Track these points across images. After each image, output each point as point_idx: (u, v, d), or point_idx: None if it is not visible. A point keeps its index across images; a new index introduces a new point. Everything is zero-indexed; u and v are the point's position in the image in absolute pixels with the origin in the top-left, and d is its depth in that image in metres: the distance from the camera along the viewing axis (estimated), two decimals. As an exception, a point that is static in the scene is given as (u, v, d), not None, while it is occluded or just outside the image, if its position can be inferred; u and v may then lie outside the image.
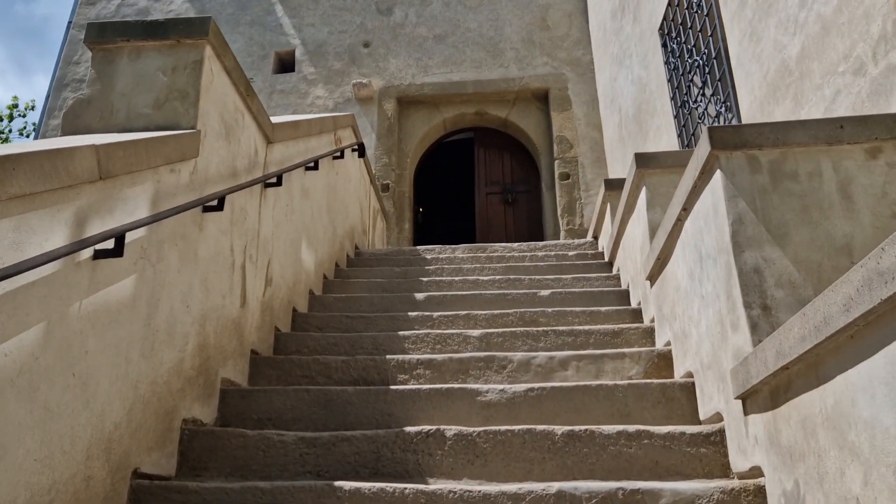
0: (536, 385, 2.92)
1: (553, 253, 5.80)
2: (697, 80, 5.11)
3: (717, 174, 2.43)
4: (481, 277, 5.01)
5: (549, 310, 4.13)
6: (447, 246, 6.25)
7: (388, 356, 3.40)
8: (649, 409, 2.83)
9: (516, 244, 6.20)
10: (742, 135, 2.43)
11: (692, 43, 5.03)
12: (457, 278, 5.02)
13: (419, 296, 4.57)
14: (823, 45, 3.14)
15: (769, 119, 3.76)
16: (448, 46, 9.46)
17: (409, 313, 4.18)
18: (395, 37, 9.56)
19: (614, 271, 5.12)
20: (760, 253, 2.28)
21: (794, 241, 2.28)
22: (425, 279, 5.01)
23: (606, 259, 5.37)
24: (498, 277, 4.98)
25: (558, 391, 2.90)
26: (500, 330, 3.73)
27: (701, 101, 4.94)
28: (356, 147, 6.40)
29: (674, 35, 5.51)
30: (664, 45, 5.82)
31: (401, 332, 3.78)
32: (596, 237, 6.16)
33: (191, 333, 2.71)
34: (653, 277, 3.65)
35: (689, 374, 2.95)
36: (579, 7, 9.48)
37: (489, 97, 9.22)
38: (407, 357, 3.37)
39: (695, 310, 2.78)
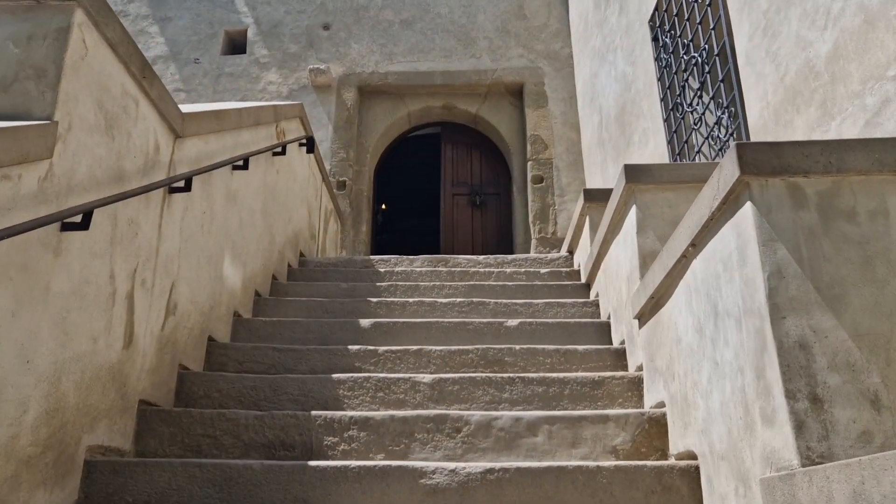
0: (497, 465, 2.30)
1: (523, 269, 5.20)
2: (695, 80, 4.54)
3: (748, 208, 1.83)
4: (440, 300, 4.38)
5: (517, 347, 3.52)
6: (404, 257, 5.60)
7: (314, 412, 2.75)
8: (641, 502, 2.23)
9: (482, 257, 5.58)
10: (782, 155, 1.83)
11: (689, 37, 4.46)
12: (411, 299, 4.38)
13: (365, 322, 3.92)
14: (866, 43, 2.56)
15: (787, 130, 3.18)
16: (416, 32, 8.79)
17: (350, 347, 3.53)
18: (358, 19, 8.86)
19: (592, 296, 4.54)
20: (808, 321, 1.69)
21: (852, 306, 1.70)
22: (374, 300, 4.36)
23: (583, 280, 4.78)
24: (459, 300, 4.35)
25: (525, 474, 2.28)
26: (457, 375, 3.11)
27: (698, 105, 4.37)
28: (304, 141, 5.71)
29: (667, 27, 4.94)
30: (655, 39, 5.25)
31: (335, 376, 3.13)
32: (571, 252, 5.57)
33: (32, 398, 2.03)
34: (643, 317, 3.06)
35: (692, 455, 2.35)
36: (559, -4, 8.89)
37: (459, 90, 8.58)
38: (339, 414, 2.73)
39: (703, 376, 2.19)
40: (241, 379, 3.13)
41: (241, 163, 3.90)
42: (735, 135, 3.81)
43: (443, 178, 8.71)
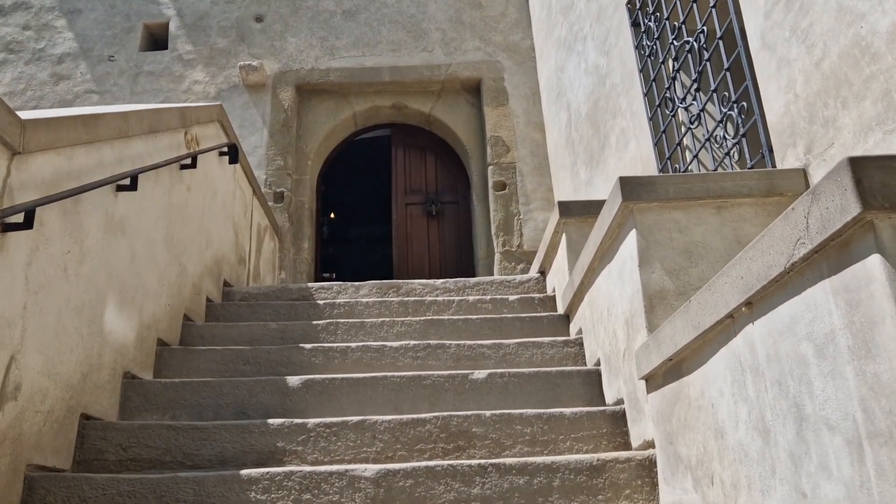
0: None
1: (489, 296, 4.47)
2: (689, 70, 3.87)
3: (875, 262, 1.13)
4: (389, 343, 3.62)
5: (488, 413, 2.79)
6: (348, 284, 4.82)
7: (207, 541, 1.97)
8: None
9: (440, 282, 4.84)
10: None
11: (681, 19, 3.79)
12: (354, 343, 3.62)
13: (294, 381, 3.15)
14: (959, 10, 1.89)
15: (828, 131, 2.52)
16: (360, 24, 8.01)
17: (272, 421, 2.75)
18: (294, 10, 8.04)
19: (573, 332, 3.84)
20: None
21: None
22: (309, 346, 3.58)
23: (561, 310, 4.09)
24: (413, 343, 3.61)
25: None
26: (410, 466, 2.36)
27: (694, 100, 3.70)
28: (226, 150, 4.89)
29: (650, 9, 4.27)
30: (635, 24, 4.58)
31: (246, 473, 2.36)
32: (543, 273, 4.87)
33: None
34: (653, 380, 2.36)
35: None
36: (517, -17, 8.21)
37: (410, 87, 7.83)
38: (241, 543, 1.95)
39: (761, 492, 1.49)
40: (115, 483, 2.32)
41: (126, 182, 3.08)
42: (748, 136, 3.14)
43: (394, 186, 7.95)
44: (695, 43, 3.60)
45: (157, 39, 8.20)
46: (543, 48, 7.39)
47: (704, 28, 3.50)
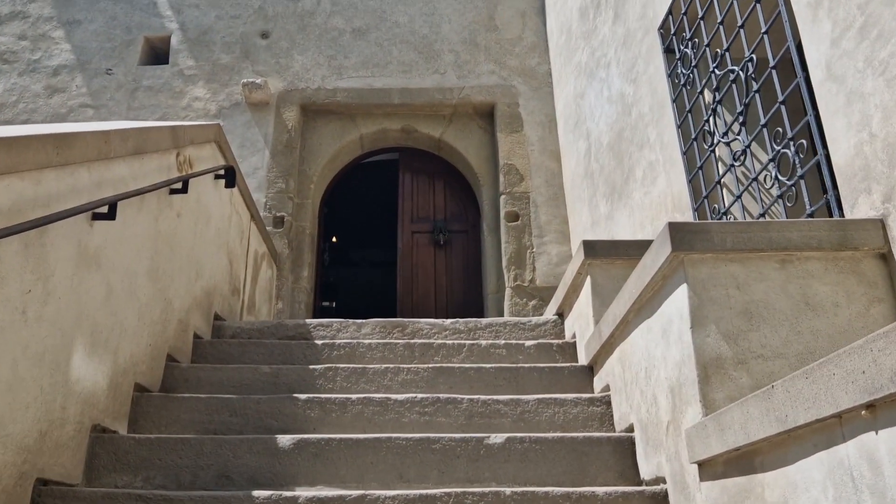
0: None
1: (503, 341, 4.12)
2: (734, 102, 3.56)
3: None
4: (393, 395, 3.27)
5: (508, 491, 2.44)
6: (349, 322, 4.47)
7: None
8: None
9: (449, 322, 4.50)
10: None
11: (725, 45, 3.48)
12: (354, 395, 3.27)
13: (285, 441, 2.80)
14: None
15: (918, 177, 2.18)
16: (370, 44, 7.75)
17: (256, 494, 2.40)
18: (302, 27, 7.78)
19: (598, 387, 3.48)
20: None
21: None
22: (304, 396, 3.24)
23: (584, 361, 3.74)
24: (421, 396, 3.26)
25: None
26: (419, 561, 2.00)
27: (739, 134, 3.38)
28: (222, 173, 4.58)
29: (687, 34, 3.97)
30: (668, 51, 4.29)
31: (221, 564, 1.99)
32: (561, 315, 4.53)
33: None
34: (711, 467, 2.01)
35: None
36: (535, 5, 7.96)
37: (420, 110, 7.55)
38: None
39: None
40: (65, 573, 1.96)
41: (104, 209, 2.75)
42: (806, 178, 2.81)
43: (400, 212, 7.63)
44: (741, 72, 3.28)
45: (157, 53, 7.94)
46: (561, 74, 7.11)
47: (753, 56, 3.18)
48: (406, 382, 3.62)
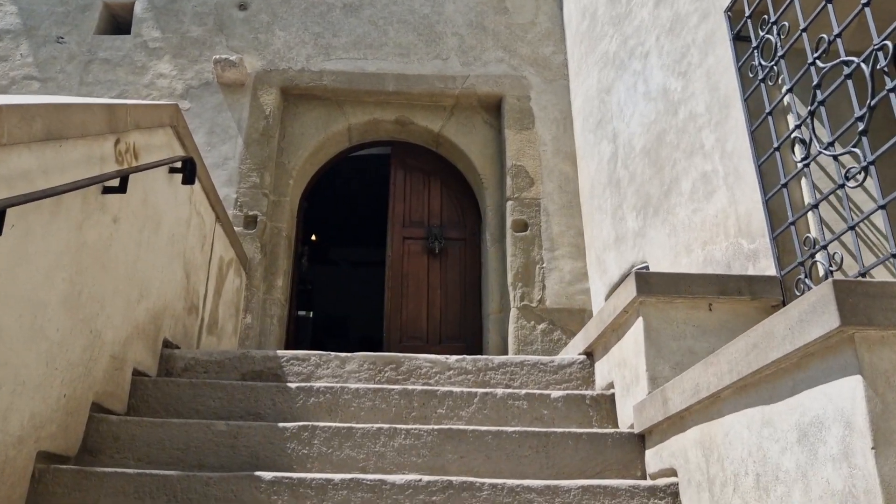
0: None
1: (523, 390, 3.35)
2: (841, 104, 2.81)
3: None
4: (390, 477, 2.50)
5: None
6: (331, 357, 3.68)
7: None
8: None
9: (454, 359, 3.72)
10: None
11: (835, 31, 2.72)
12: (338, 476, 2.49)
13: (239, 556, 2.00)
14: None
15: None
16: (363, 21, 6.93)
17: None
18: None
19: (653, 467, 2.73)
20: None
21: None
22: (269, 476, 2.45)
23: (629, 424, 2.99)
24: (427, 479, 2.49)
25: None
26: None
27: (853, 146, 2.62)
28: (179, 165, 3.75)
29: (771, 17, 3.21)
30: (739, 38, 3.53)
31: None
32: (591, 354, 3.77)
33: None
34: None
35: None
36: (550, -13, 7.19)
37: (417, 100, 6.75)
38: None
39: None
40: None
41: (-14, 220, 1.93)
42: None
43: (391, 215, 6.83)
44: (864, 65, 2.53)
45: (118, 22, 7.06)
46: (582, 65, 6.35)
47: (888, 43, 2.43)
48: (404, 450, 2.84)
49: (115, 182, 2.85)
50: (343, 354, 3.72)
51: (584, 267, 6.02)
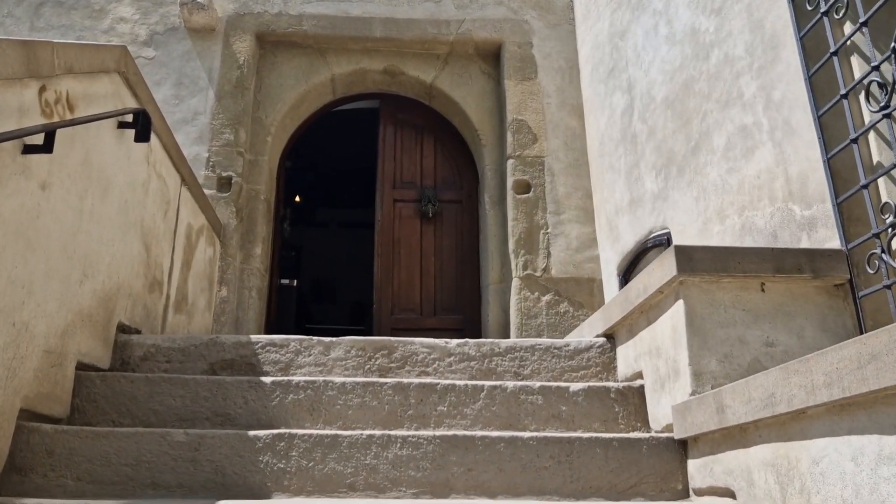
0: None
1: (537, 384, 2.91)
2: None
3: None
4: (383, 499, 2.04)
5: None
6: (313, 343, 3.22)
7: None
8: None
9: (455, 344, 3.27)
10: None
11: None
12: (320, 501, 2.03)
13: None
14: None
15: None
16: (347, -41, 6.30)
17: None
18: (260, -66, 6.29)
19: (701, 482, 2.29)
20: None
21: None
22: (238, 493, 1.99)
23: (669, 430, 2.55)
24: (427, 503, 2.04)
25: None
26: None
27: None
28: (130, 120, 3.22)
29: (841, -64, 2.68)
30: (795, -37, 3.00)
31: None
32: (611, 336, 3.33)
33: None
34: None
35: None
36: (554, -79, 6.55)
37: (408, 47, 6.18)
38: None
39: None
40: None
41: None
42: None
43: (380, 175, 6.31)
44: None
45: (74, -40, 6.39)
46: (590, 7, 5.77)
47: None
48: (401, 462, 2.39)
49: (40, 139, 2.33)
50: (327, 339, 3.25)
51: (592, 232, 5.54)
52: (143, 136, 3.22)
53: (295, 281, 7.76)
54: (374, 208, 6.32)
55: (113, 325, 3.16)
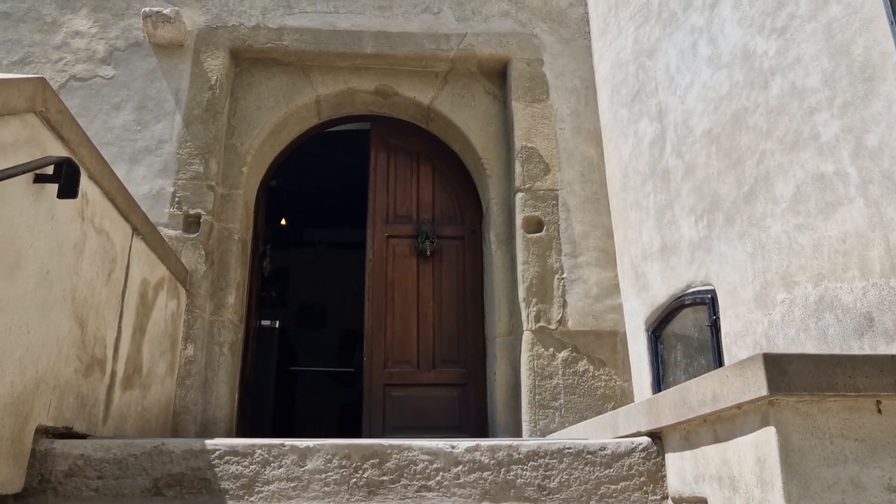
0: None
1: (573, 516, 2.28)
2: None
3: None
4: None
5: None
6: (285, 447, 2.60)
7: None
8: None
9: (464, 448, 2.65)
10: None
11: None
12: None
13: None
14: None
15: None
16: (333, -34, 5.69)
17: None
18: (236, -62, 5.67)
19: None
20: None
21: None
22: None
23: None
24: None
25: None
26: None
27: None
28: (51, 172, 2.58)
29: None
30: (900, -26, 2.39)
31: None
32: (658, 437, 2.71)
33: None
34: None
35: None
36: (566, -77, 5.95)
37: (402, 64, 5.57)
38: None
39: None
40: None
41: None
42: None
43: (371, 207, 5.68)
44: None
45: (26, -34, 5.76)
46: (610, 19, 5.17)
47: None
48: None
49: None
50: (302, 444, 2.62)
51: (614, 277, 4.92)
52: (67, 191, 2.58)
53: (277, 322, 7.11)
54: (364, 227, 5.69)
55: (29, 433, 2.52)
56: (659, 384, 4.30)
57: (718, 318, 3.60)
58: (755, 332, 3.20)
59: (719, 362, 3.59)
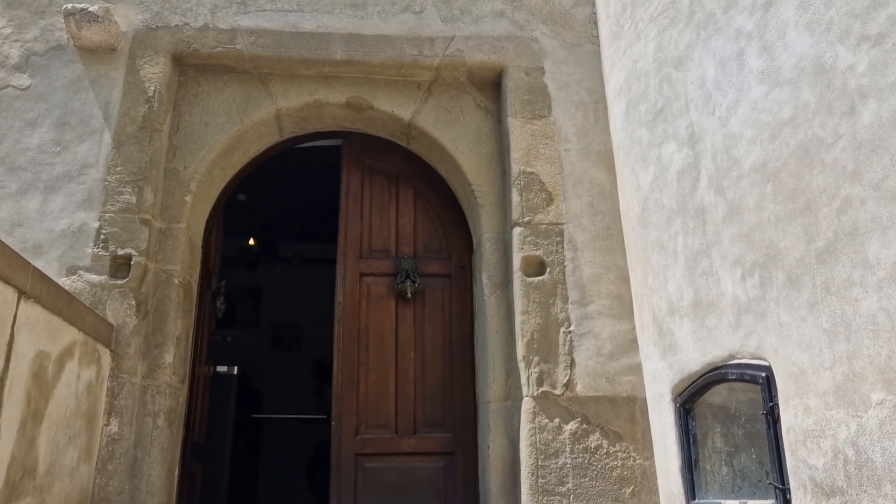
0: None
1: None
2: None
3: None
4: None
5: None
6: None
7: None
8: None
9: None
10: None
11: None
12: None
13: None
14: None
15: None
16: (297, -44, 4.91)
17: None
18: (182, -78, 4.88)
19: None
20: None
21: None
22: None
23: None
24: None
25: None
26: None
27: None
28: None
29: None
30: None
31: None
32: None
33: None
34: None
35: None
36: None
37: (378, 73, 4.80)
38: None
39: None
40: None
41: None
42: None
43: (341, 239, 4.91)
44: None
45: (-68, -45, 4.94)
46: (623, 21, 4.43)
47: None
48: None
49: None
50: None
51: (631, 330, 4.18)
52: None
53: (235, 368, 6.31)
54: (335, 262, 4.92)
55: None
56: (691, 469, 3.56)
57: (777, 405, 2.86)
58: (836, 437, 2.46)
59: (779, 463, 2.85)
